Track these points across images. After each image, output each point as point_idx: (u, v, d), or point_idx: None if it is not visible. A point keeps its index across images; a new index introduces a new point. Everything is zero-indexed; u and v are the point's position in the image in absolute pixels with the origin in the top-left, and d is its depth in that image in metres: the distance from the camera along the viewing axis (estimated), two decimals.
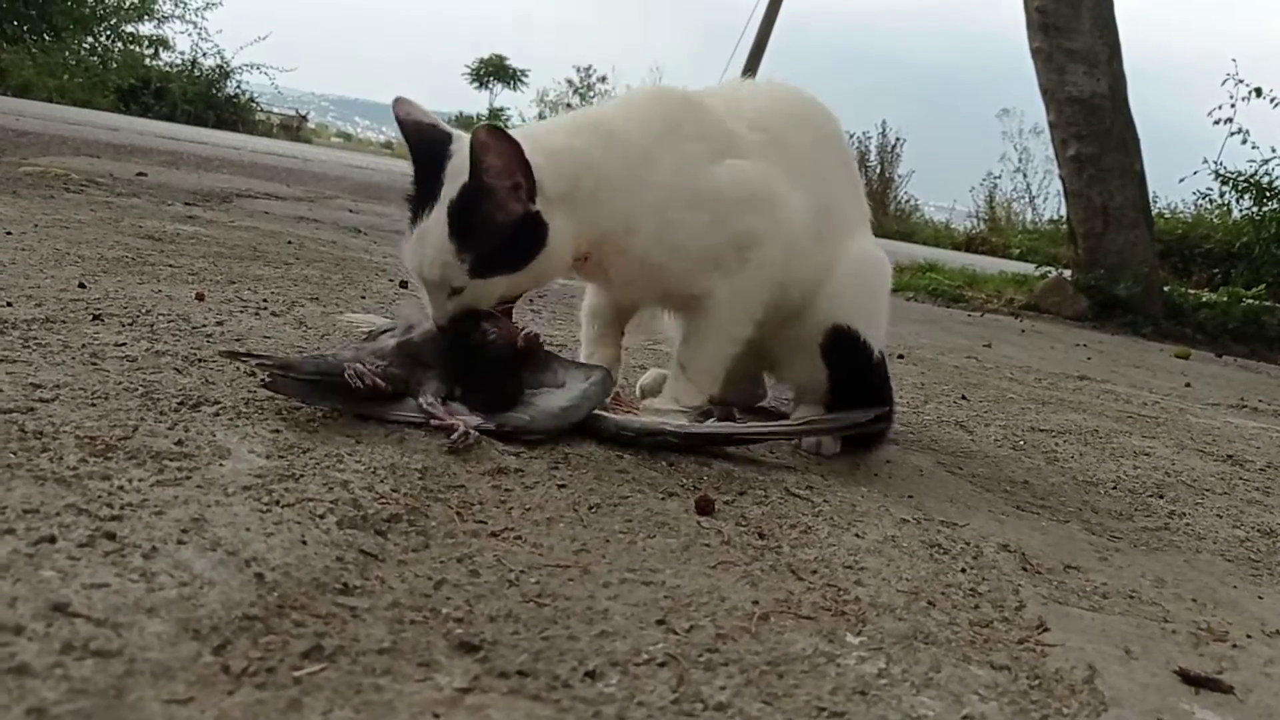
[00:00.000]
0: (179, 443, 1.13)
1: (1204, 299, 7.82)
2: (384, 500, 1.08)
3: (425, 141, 1.50)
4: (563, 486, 1.25)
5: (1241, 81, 8.51)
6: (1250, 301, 7.70)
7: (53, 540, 0.83)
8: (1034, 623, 1.05)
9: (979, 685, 0.87)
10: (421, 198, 1.48)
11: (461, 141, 1.47)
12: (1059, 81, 7.10)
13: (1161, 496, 1.74)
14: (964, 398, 2.50)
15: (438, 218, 1.44)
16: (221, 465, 1.10)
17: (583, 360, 1.68)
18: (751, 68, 20.71)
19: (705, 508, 1.23)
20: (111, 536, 0.86)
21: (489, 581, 0.94)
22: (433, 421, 1.36)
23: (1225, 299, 7.68)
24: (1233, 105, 8.64)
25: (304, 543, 0.93)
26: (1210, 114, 8.86)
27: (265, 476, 1.08)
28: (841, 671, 0.86)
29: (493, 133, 1.40)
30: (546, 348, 1.57)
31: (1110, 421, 2.49)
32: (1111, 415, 2.62)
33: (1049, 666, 0.94)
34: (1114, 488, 1.76)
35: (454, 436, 1.31)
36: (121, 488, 0.98)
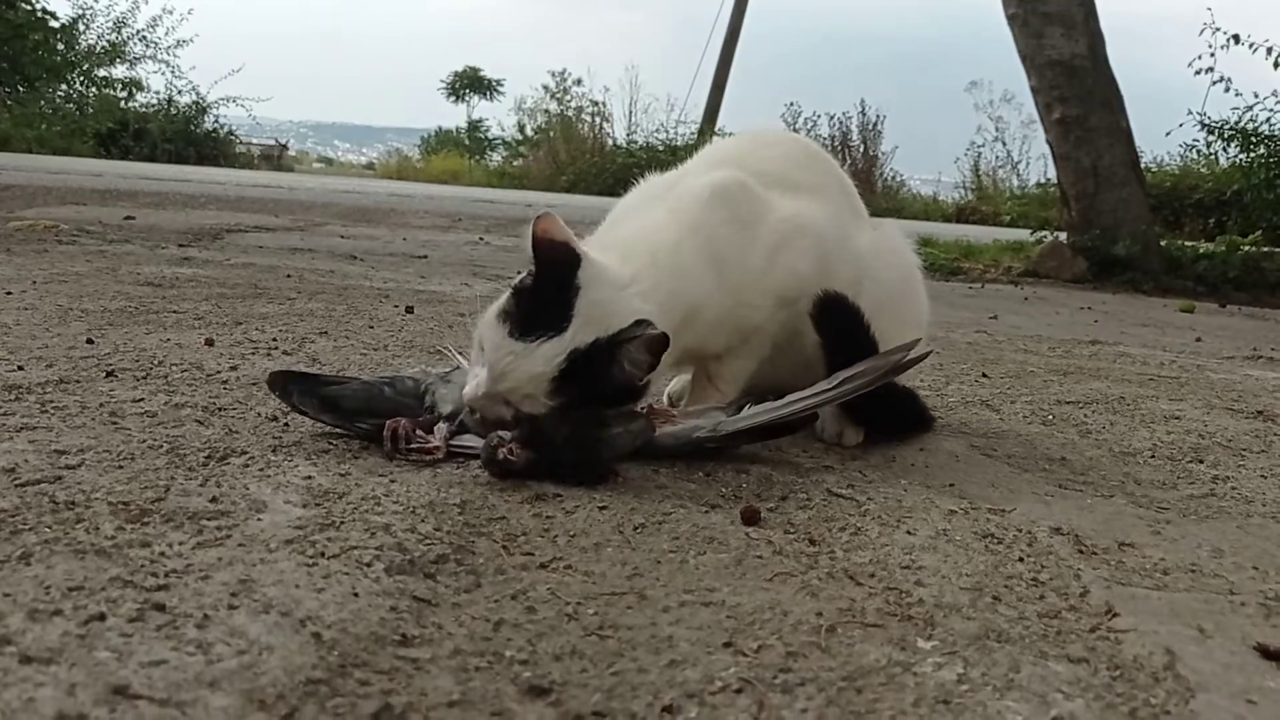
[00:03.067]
0: (213, 500, 1.11)
1: (1202, 250, 7.79)
2: (428, 541, 1.06)
3: (555, 262, 1.38)
4: (604, 508, 1.23)
5: (1219, 30, 8.47)
6: (1249, 249, 7.68)
7: (103, 618, 0.81)
8: (1102, 608, 1.02)
9: (1061, 682, 0.85)
10: (535, 314, 1.37)
11: (590, 268, 1.39)
12: (1038, 46, 7.07)
13: (1201, 461, 1.72)
14: (985, 375, 2.47)
15: (548, 355, 1.34)
16: (259, 519, 1.07)
17: None
18: (726, 57, 20.71)
19: (752, 518, 1.21)
20: (161, 608, 0.84)
21: (547, 617, 0.92)
22: (412, 444, 1.36)
23: (1223, 248, 7.66)
24: (1212, 55, 8.59)
25: (355, 595, 0.91)
26: (1190, 65, 8.82)
27: (305, 527, 1.06)
28: (920, 680, 0.84)
29: (654, 340, 1.34)
30: None
31: (1134, 387, 2.47)
32: (1133, 380, 2.59)
33: (1126, 654, 0.92)
34: (1152, 456, 1.74)
35: (427, 458, 1.34)
36: (163, 554, 0.95)
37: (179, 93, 20.17)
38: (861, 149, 18.12)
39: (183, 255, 3.86)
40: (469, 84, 27.70)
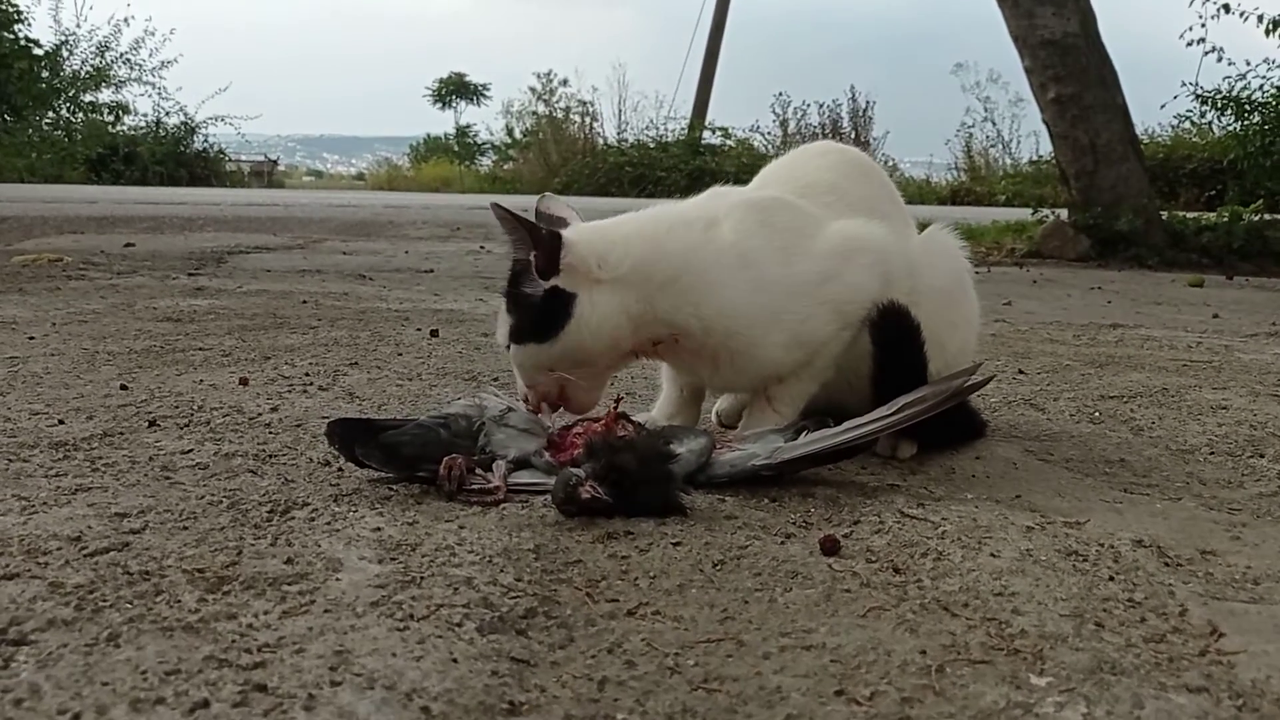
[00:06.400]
0: (288, 561, 1.09)
1: (1205, 222, 7.77)
2: (513, 593, 1.04)
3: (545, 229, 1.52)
4: (678, 544, 1.20)
5: (1209, 0, 8.45)
6: (1251, 218, 7.66)
7: (206, 704, 0.79)
8: (1205, 629, 1.00)
9: (1188, 717, 0.83)
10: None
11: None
12: (1029, 26, 7.05)
13: (1262, 455, 1.70)
14: (1021, 372, 2.45)
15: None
16: (338, 580, 1.05)
17: (659, 420, 1.66)
18: (712, 51, 20.69)
19: (831, 548, 1.18)
20: (263, 689, 0.81)
21: (649, 672, 0.89)
22: (472, 486, 1.34)
23: (1226, 219, 7.64)
24: (1203, 25, 8.59)
25: (454, 660, 0.89)
26: (1182, 36, 8.81)
27: (386, 585, 1.04)
28: None
29: (496, 207, 1.46)
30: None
31: (1172, 376, 2.45)
32: (1169, 368, 2.57)
33: (1243, 680, 0.90)
34: (1211, 453, 1.72)
35: (489, 499, 1.32)
36: (251, 625, 0.93)
37: (167, 114, 20.17)
38: (853, 136, 18.10)
39: (194, 285, 3.84)
40: (455, 90, 27.63)
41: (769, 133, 18.60)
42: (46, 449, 1.49)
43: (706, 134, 18.63)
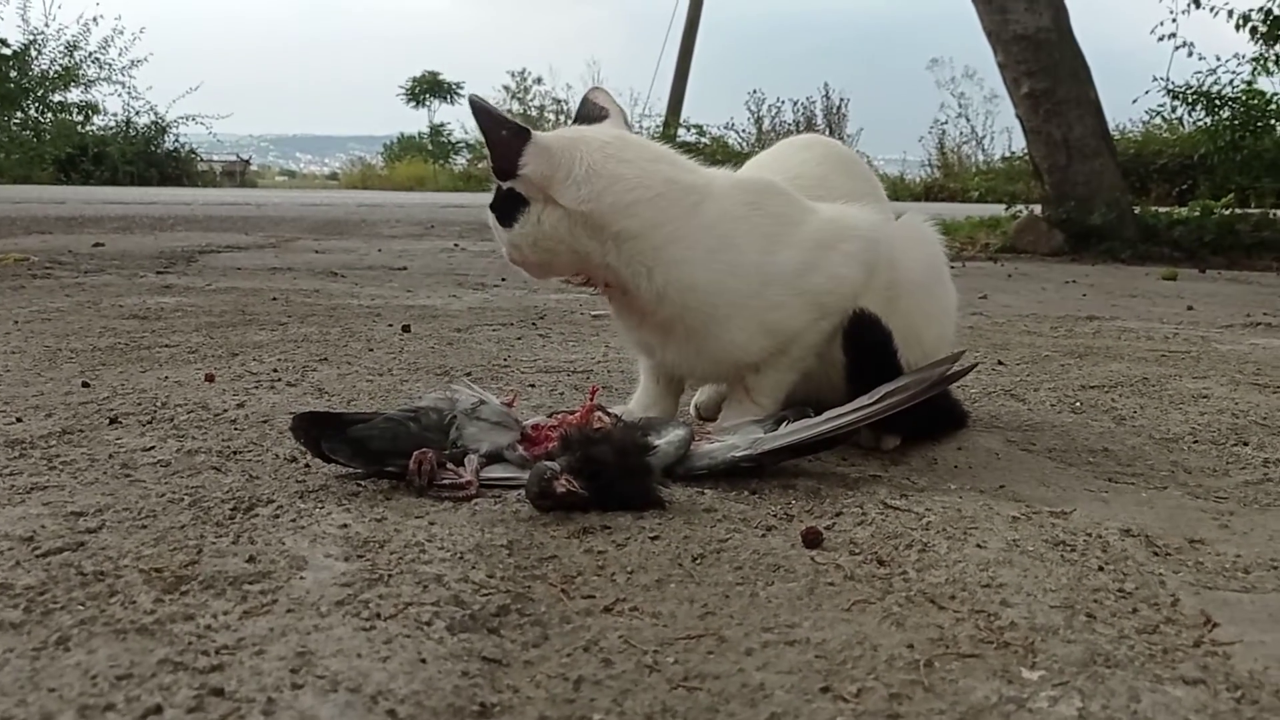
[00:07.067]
0: (250, 559, 1.05)
1: (1176, 216, 7.81)
2: (485, 590, 1.00)
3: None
4: (656, 538, 1.17)
5: None
6: (1222, 212, 7.70)
7: (159, 710, 0.74)
8: (1198, 619, 0.98)
9: (1187, 710, 0.80)
10: None
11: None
12: (1002, 21, 7.06)
13: (1246, 443, 1.68)
14: (1000, 363, 2.43)
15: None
16: (302, 578, 1.01)
17: (636, 413, 1.62)
18: (686, 48, 20.64)
19: (814, 540, 1.15)
20: (220, 693, 0.77)
21: (626, 670, 0.86)
22: (443, 481, 1.30)
23: (1198, 213, 7.68)
24: (1174, 20, 8.62)
25: (423, 660, 0.85)
26: (1153, 31, 8.85)
27: (353, 584, 1.00)
28: (1039, 719, 0.79)
29: (473, 99, 1.46)
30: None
31: (1151, 365, 2.44)
32: (1148, 358, 2.56)
33: (1240, 672, 0.87)
34: (1195, 441, 1.69)
35: (460, 494, 1.28)
36: (209, 627, 0.89)
37: (137, 114, 19.97)
38: (827, 133, 18.13)
39: (163, 283, 3.77)
40: (428, 89, 27.41)
41: (744, 130, 18.64)
42: (1, 447, 1.44)
43: (681, 131, 18.60)
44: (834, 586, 1.05)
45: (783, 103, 18.68)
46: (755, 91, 18.72)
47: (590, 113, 1.60)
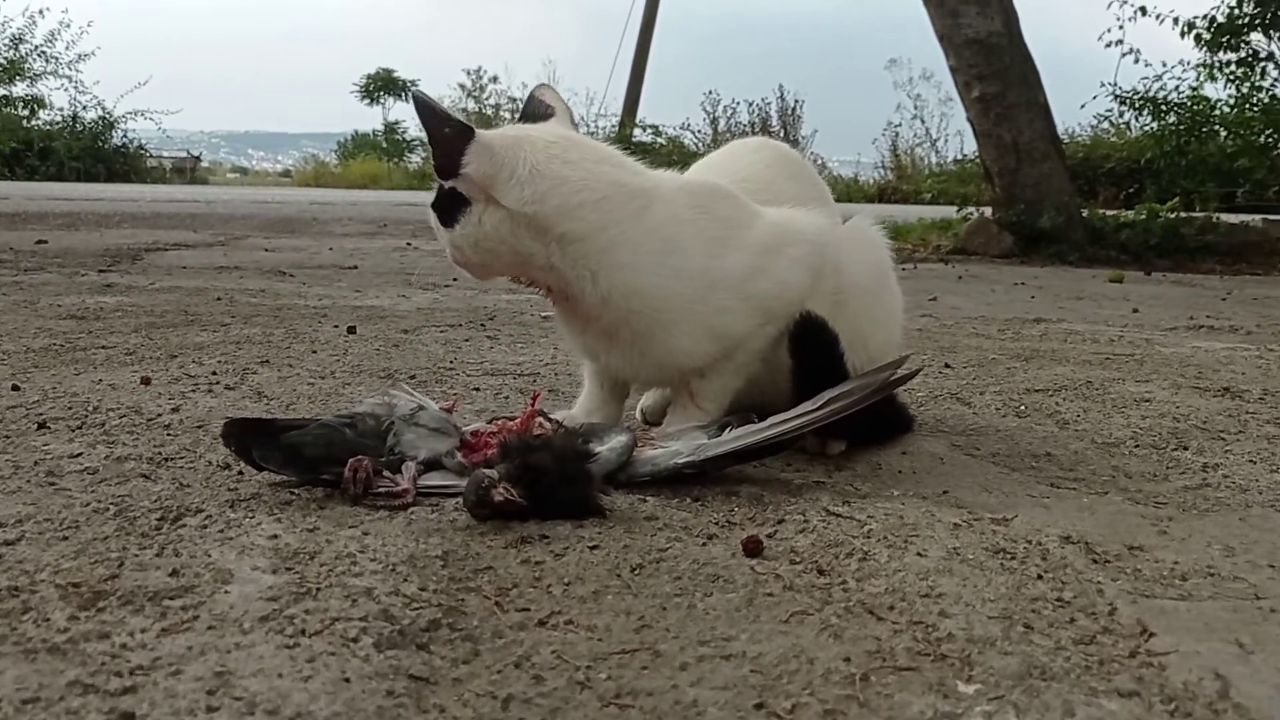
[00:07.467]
0: (173, 573, 1.01)
1: (1123, 219, 7.91)
2: (416, 604, 0.98)
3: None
4: (595, 548, 1.15)
5: (1126, 2, 8.62)
6: (1168, 216, 7.82)
7: None
8: (1135, 628, 0.97)
9: None
10: None
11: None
12: (954, 25, 7.11)
13: (1186, 448, 1.69)
14: (947, 366, 2.44)
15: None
16: (226, 592, 0.98)
17: (579, 418, 1.60)
18: (643, 48, 20.63)
19: (754, 549, 1.14)
20: (131, 717, 0.74)
21: (558, 687, 0.84)
22: (379, 489, 1.27)
23: (1144, 217, 7.79)
24: (1121, 27, 8.78)
25: (347, 680, 0.82)
26: (1100, 38, 8.98)
27: (279, 599, 0.97)
28: None
29: (416, 95, 1.45)
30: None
31: (1096, 369, 2.45)
32: (1092, 361, 2.58)
33: (1175, 682, 0.86)
34: (1136, 446, 1.70)
35: (396, 502, 1.25)
36: (125, 646, 0.86)
37: (84, 108, 19.63)
38: (782, 134, 18.20)
39: (104, 282, 3.70)
40: (383, 86, 27.18)
41: (700, 131, 18.65)
42: None
43: (638, 131, 18.59)
44: (773, 597, 1.03)
45: (738, 104, 18.73)
46: (711, 92, 18.75)
47: (536, 111, 1.58)
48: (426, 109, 1.43)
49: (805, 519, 1.26)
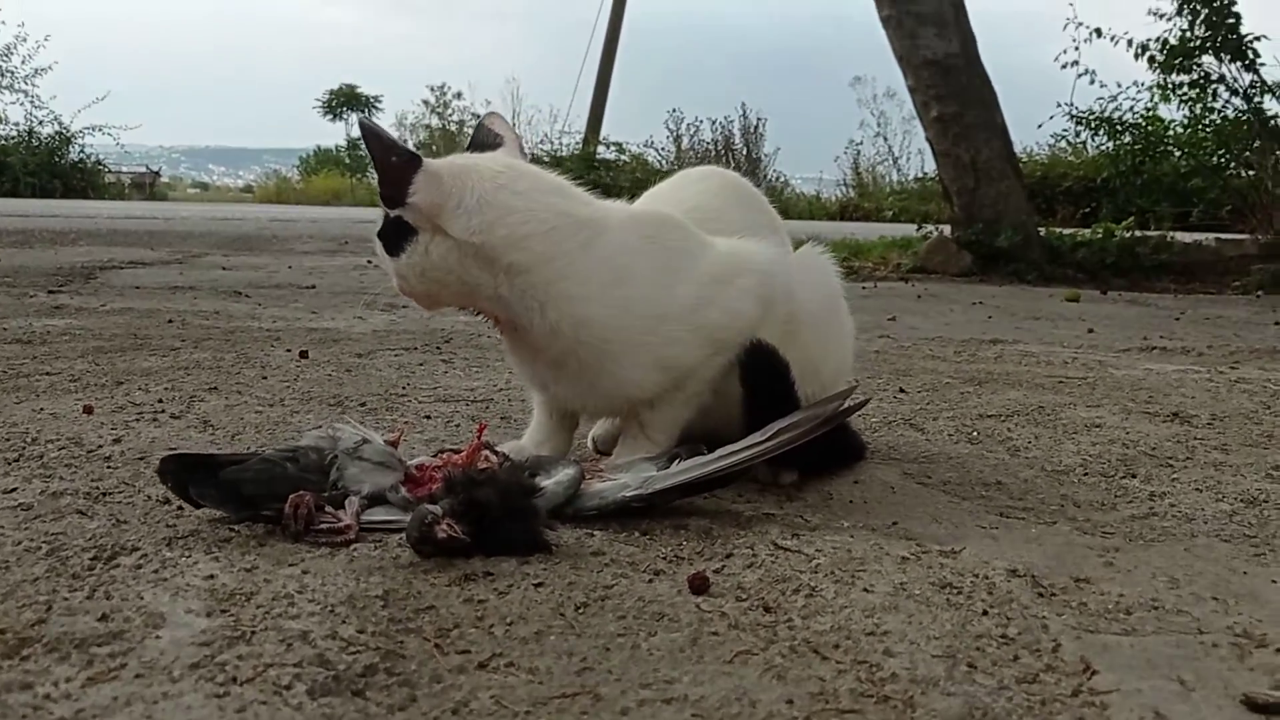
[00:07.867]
0: (103, 617, 0.99)
1: (1080, 238, 8.01)
2: (353, 648, 0.96)
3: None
4: (539, 585, 1.13)
5: (1081, 24, 8.74)
6: (1124, 235, 7.92)
7: None
8: (1078, 665, 0.97)
9: None
10: None
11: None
12: (912, 46, 7.18)
13: (1134, 476, 1.70)
14: (902, 390, 2.44)
15: None
16: (158, 638, 0.95)
17: (528, 448, 1.58)
18: (606, 66, 20.67)
19: (700, 586, 1.13)
20: None
21: None
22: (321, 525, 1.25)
23: (1100, 235, 7.88)
24: (1076, 48, 8.89)
25: None
26: (1056, 59, 9.09)
27: (211, 643, 0.94)
28: None
29: (363, 123, 1.46)
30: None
31: (1048, 393, 2.47)
32: (1045, 385, 2.60)
33: None
34: (1085, 474, 1.71)
35: (338, 539, 1.23)
36: (48, 696, 0.83)
37: (40, 123, 19.37)
38: (744, 153, 18.29)
39: (54, 303, 3.64)
40: (346, 101, 27.09)
41: (663, 148, 18.69)
42: None
43: (601, 149, 18.60)
44: (718, 636, 1.02)
45: (701, 121, 18.78)
46: (674, 110, 18.79)
47: (485, 139, 1.57)
48: (374, 137, 1.42)
49: (753, 553, 1.25)
